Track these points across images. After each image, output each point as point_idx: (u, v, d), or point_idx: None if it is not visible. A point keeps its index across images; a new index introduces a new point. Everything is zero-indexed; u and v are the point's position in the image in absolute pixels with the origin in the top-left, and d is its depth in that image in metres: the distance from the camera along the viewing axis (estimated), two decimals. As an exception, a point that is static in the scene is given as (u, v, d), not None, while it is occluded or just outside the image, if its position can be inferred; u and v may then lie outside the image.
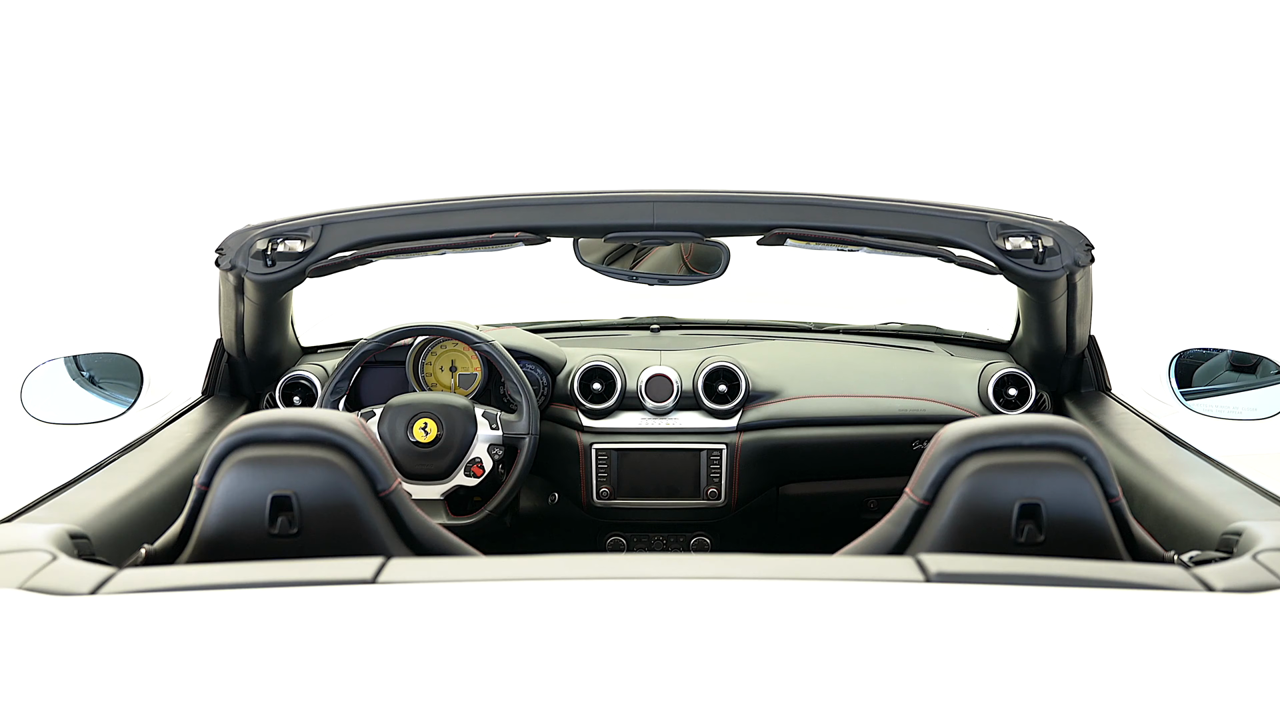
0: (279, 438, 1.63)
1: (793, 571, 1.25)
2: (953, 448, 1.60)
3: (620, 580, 1.22)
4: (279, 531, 1.59)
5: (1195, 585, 1.24)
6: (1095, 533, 1.57)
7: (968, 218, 2.39)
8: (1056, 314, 2.59)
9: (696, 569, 1.27)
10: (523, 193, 2.42)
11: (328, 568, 1.29)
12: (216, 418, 2.67)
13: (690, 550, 2.93)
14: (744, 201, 2.41)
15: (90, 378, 2.76)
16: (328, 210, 2.44)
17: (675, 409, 2.82)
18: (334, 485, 1.60)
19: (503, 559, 1.34)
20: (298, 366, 2.89)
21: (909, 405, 2.82)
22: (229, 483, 1.60)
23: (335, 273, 2.46)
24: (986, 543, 1.56)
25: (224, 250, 2.46)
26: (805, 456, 2.84)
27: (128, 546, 1.99)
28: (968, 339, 3.14)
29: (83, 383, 2.75)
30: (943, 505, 1.59)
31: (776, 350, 3.02)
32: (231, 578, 1.28)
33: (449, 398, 2.67)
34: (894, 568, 1.27)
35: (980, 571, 1.24)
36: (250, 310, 2.60)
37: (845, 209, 2.39)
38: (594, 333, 3.20)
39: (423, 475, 2.63)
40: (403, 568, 1.28)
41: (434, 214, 2.41)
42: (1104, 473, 1.58)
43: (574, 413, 2.84)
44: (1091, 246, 2.41)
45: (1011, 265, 2.40)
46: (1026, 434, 1.59)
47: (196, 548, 1.63)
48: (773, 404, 2.83)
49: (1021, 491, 1.55)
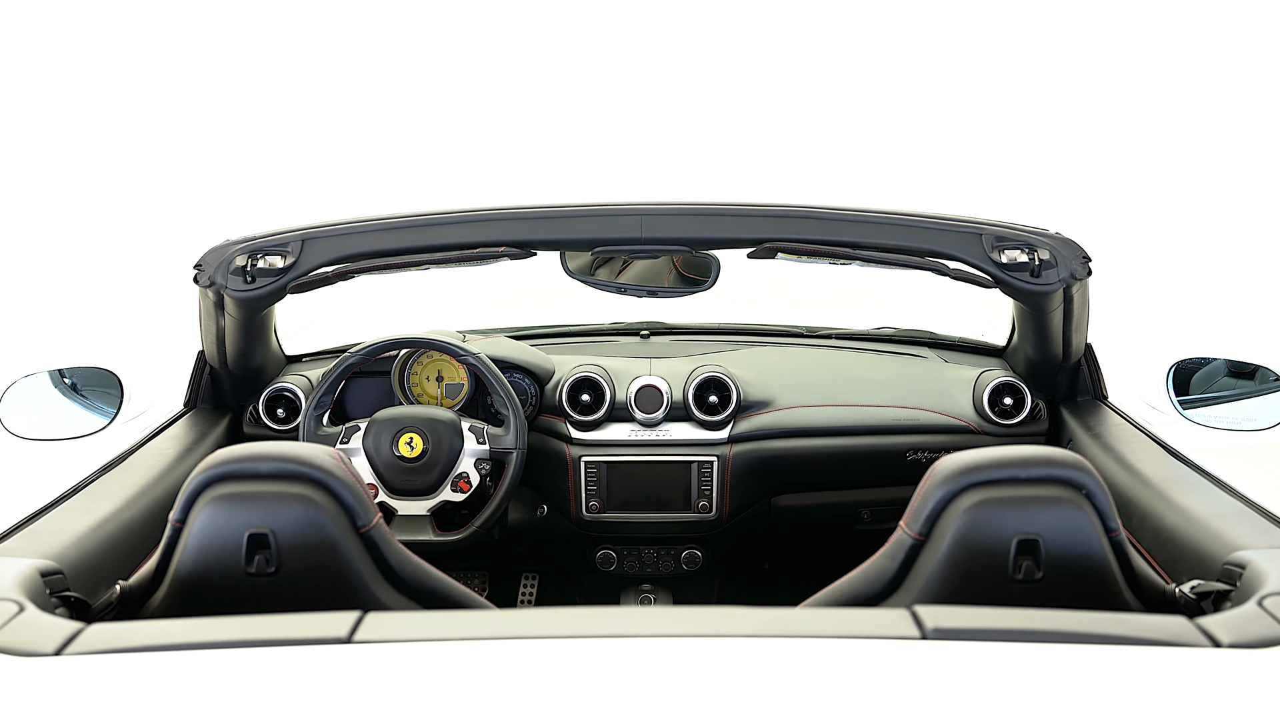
0: (255, 473, 1.58)
1: (783, 628, 1.21)
2: (948, 481, 1.56)
3: (607, 639, 1.18)
4: (256, 570, 1.54)
5: (1201, 640, 1.20)
6: (1095, 568, 1.53)
7: (962, 230, 2.35)
8: (1053, 325, 2.54)
9: (686, 626, 1.22)
10: (508, 206, 2.37)
11: (301, 624, 1.25)
12: (199, 432, 2.63)
13: (681, 564, 2.88)
14: (734, 214, 2.36)
15: (70, 392, 2.71)
16: (308, 224, 2.39)
17: (665, 420, 2.78)
18: (312, 522, 1.56)
19: (484, 615, 1.30)
20: (282, 377, 2.84)
21: (903, 415, 2.78)
22: (204, 520, 1.56)
23: (317, 289, 2.42)
24: (983, 579, 1.52)
25: (202, 266, 2.41)
26: (798, 468, 2.79)
27: (106, 574, 1.95)
28: (961, 344, 3.10)
29: (62, 397, 2.71)
30: (938, 540, 1.54)
31: (768, 358, 2.98)
32: (199, 636, 1.23)
33: (435, 412, 2.62)
34: (889, 622, 1.22)
35: (978, 627, 1.20)
36: (231, 325, 2.55)
37: (837, 221, 2.35)
38: (582, 339, 3.15)
39: (409, 491, 2.58)
40: (380, 624, 1.24)
41: (417, 228, 2.36)
42: (1104, 506, 1.54)
43: (562, 424, 2.79)
44: (1089, 259, 2.37)
45: (1007, 279, 2.36)
46: (1024, 467, 1.55)
47: (172, 586, 1.59)
48: (764, 414, 2.78)
49: (1019, 527, 1.51)
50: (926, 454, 2.76)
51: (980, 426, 2.76)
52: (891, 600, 1.60)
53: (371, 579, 1.61)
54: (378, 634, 1.21)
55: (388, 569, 1.64)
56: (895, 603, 1.59)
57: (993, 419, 2.75)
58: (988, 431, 2.75)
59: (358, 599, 1.60)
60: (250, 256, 2.37)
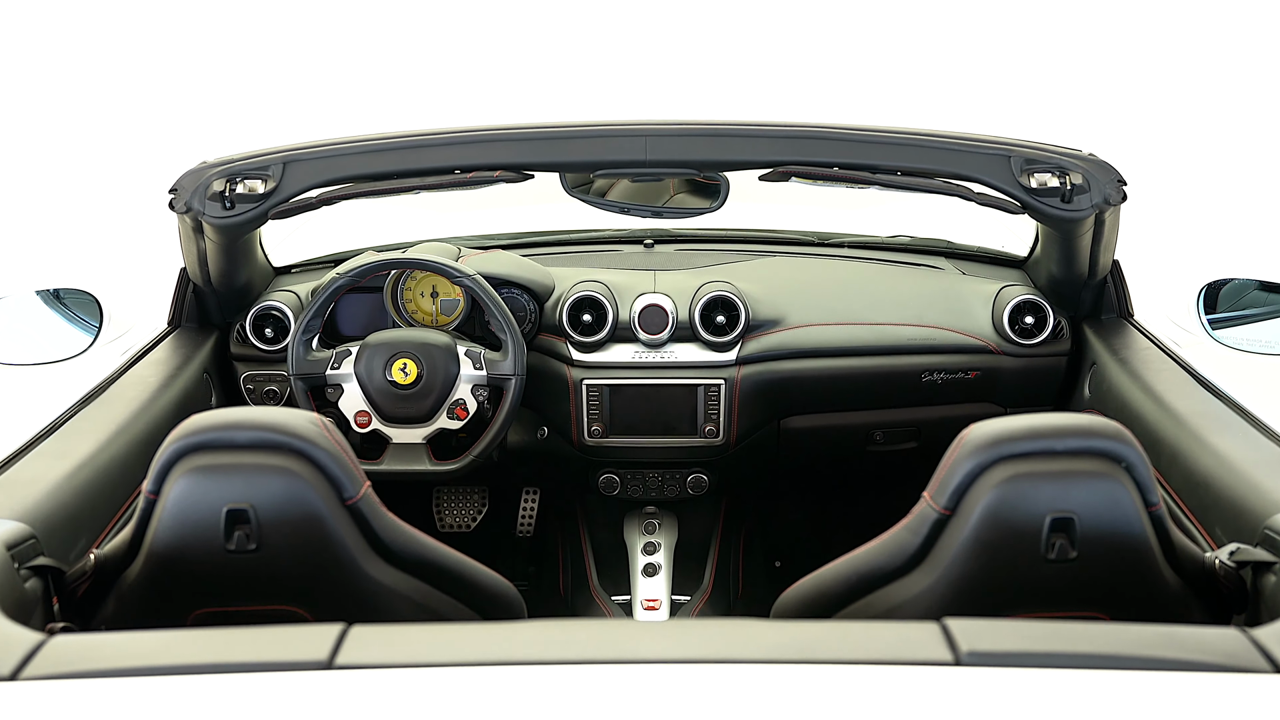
0: (232, 443, 1.47)
1: (801, 650, 1.10)
2: (977, 452, 1.45)
3: (610, 665, 1.08)
4: (236, 548, 1.45)
5: (1261, 663, 1.10)
6: (1133, 546, 1.43)
7: (989, 151, 2.23)
8: (1081, 246, 2.43)
9: (696, 648, 1.12)
10: (503, 126, 2.25)
11: (280, 643, 1.14)
12: (184, 355, 2.52)
13: (687, 488, 2.80)
14: (745, 135, 2.25)
15: (45, 315, 2.59)
16: (291, 146, 2.26)
17: (670, 341, 2.65)
18: (295, 496, 1.46)
19: (480, 632, 1.19)
20: (269, 293, 2.72)
21: (919, 334, 2.66)
22: (179, 493, 1.46)
23: (300, 214, 2.29)
24: (1013, 558, 1.43)
25: (178, 191, 2.29)
26: (808, 389, 2.69)
27: (84, 525, 1.88)
28: (980, 254, 2.96)
29: (37, 320, 2.59)
30: (965, 516, 1.44)
31: (777, 271, 2.85)
32: (169, 657, 1.13)
33: (429, 335, 2.50)
34: (918, 641, 1.12)
35: (1017, 650, 1.10)
36: (212, 247, 2.43)
37: (855, 142, 2.23)
38: (584, 248, 3.02)
39: (403, 418, 2.49)
40: (364, 644, 1.14)
41: (407, 150, 2.24)
42: (1144, 479, 1.44)
43: (563, 345, 2.67)
44: (1124, 183, 2.24)
45: (1037, 204, 2.23)
46: (1059, 437, 1.44)
47: (148, 561, 1.50)
48: (774, 334, 2.66)
49: (1053, 503, 1.41)
50: (943, 375, 2.65)
51: (999, 346, 2.65)
52: (914, 576, 1.51)
53: (360, 554, 1.52)
54: (361, 656, 1.11)
55: (377, 541, 1.54)
56: (917, 580, 1.50)
57: (1013, 338, 2.63)
58: (1007, 351, 2.64)
59: (346, 576, 1.51)
60: (229, 180, 2.26)
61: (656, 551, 2.83)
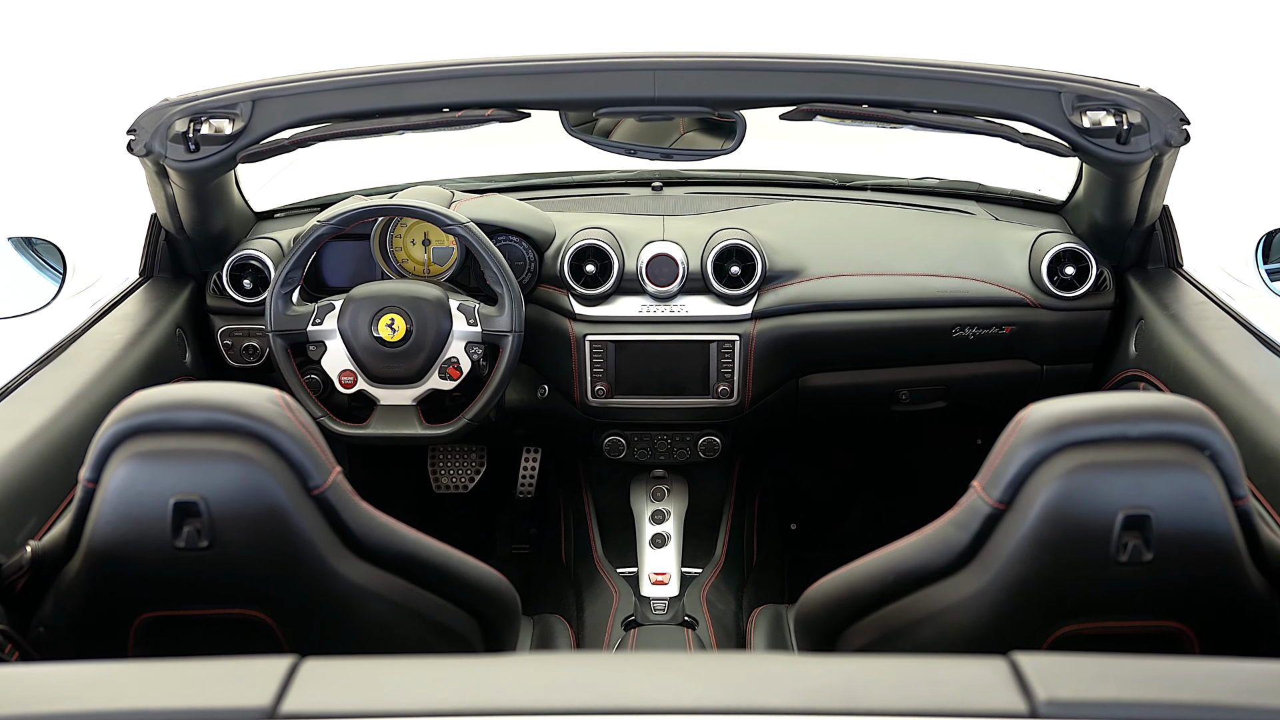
0: (180, 425, 1.29)
1: (851, 698, 0.91)
2: (1038, 438, 1.26)
3: (614, 717, 0.89)
4: (186, 544, 1.27)
5: None
6: (1216, 545, 1.25)
7: (1037, 87, 2.04)
8: (1132, 191, 2.23)
9: (724, 695, 0.93)
10: (496, 59, 2.07)
11: (213, 681, 0.96)
12: (155, 309, 2.34)
13: (699, 451, 2.61)
14: (763, 69, 2.07)
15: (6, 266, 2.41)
16: (260, 81, 2.08)
17: (681, 294, 2.45)
18: (252, 486, 1.28)
19: (461, 662, 1.01)
20: (249, 239, 2.53)
21: (949, 285, 2.47)
22: (120, 481, 1.28)
23: (272, 157, 2.10)
24: (1078, 559, 1.26)
25: (137, 132, 2.10)
26: (830, 345, 2.50)
27: (36, 502, 1.72)
28: (1015, 198, 2.75)
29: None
30: (1023, 511, 1.26)
31: (797, 216, 2.64)
32: (76, 702, 0.94)
33: (419, 288, 2.31)
34: (984, 686, 0.93)
35: (1104, 700, 0.91)
36: (180, 193, 2.24)
37: (886, 77, 2.05)
38: (587, 191, 2.81)
39: (391, 378, 2.31)
40: (315, 681, 0.95)
41: (389, 86, 2.06)
42: (1231, 469, 1.25)
43: (564, 297, 2.47)
44: (1187, 121, 2.03)
45: (1090, 146, 2.04)
46: (1134, 421, 1.25)
47: (87, 558, 1.32)
48: (793, 285, 2.47)
49: (1127, 498, 1.23)
50: (975, 330, 2.46)
51: (1037, 299, 2.45)
52: (961, 576, 1.34)
53: (329, 550, 1.34)
54: (310, 702, 0.92)
55: (349, 535, 1.37)
56: (965, 582, 1.32)
57: (1052, 290, 2.44)
58: (1045, 305, 2.45)
59: (313, 575, 1.34)
60: (192, 120, 2.07)
61: (665, 520, 2.65)
